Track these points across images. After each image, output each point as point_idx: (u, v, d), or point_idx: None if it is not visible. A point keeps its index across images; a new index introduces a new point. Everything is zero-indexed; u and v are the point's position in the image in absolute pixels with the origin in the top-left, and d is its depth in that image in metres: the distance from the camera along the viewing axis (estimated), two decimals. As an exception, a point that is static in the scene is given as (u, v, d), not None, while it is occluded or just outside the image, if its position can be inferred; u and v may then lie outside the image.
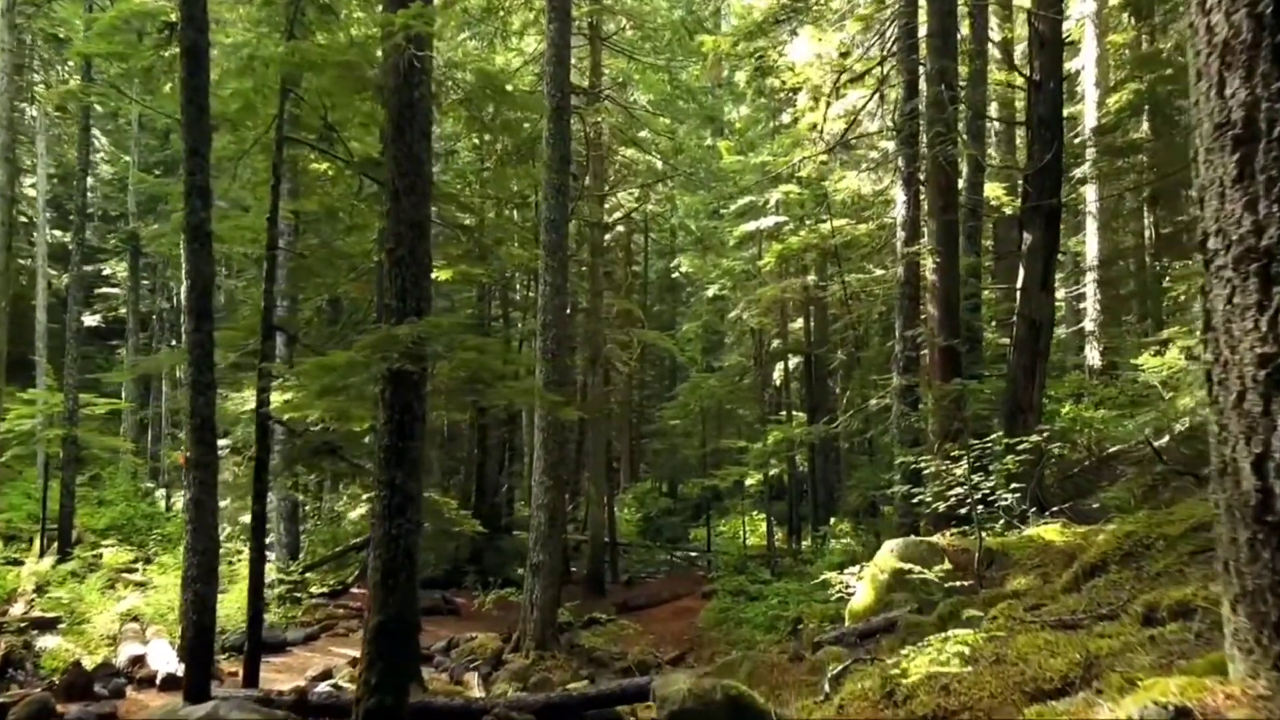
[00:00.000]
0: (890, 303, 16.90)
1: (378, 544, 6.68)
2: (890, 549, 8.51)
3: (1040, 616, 4.51)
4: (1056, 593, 5.74)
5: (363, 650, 6.57)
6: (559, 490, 14.08)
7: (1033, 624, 4.38)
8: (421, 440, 6.85)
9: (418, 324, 6.41)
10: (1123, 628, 3.47)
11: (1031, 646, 3.51)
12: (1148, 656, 2.99)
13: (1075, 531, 8.22)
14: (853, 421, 14.05)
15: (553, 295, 14.03)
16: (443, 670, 12.85)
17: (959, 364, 12.32)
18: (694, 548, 28.47)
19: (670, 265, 36.11)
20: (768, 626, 15.93)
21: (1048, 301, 11.99)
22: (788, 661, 7.23)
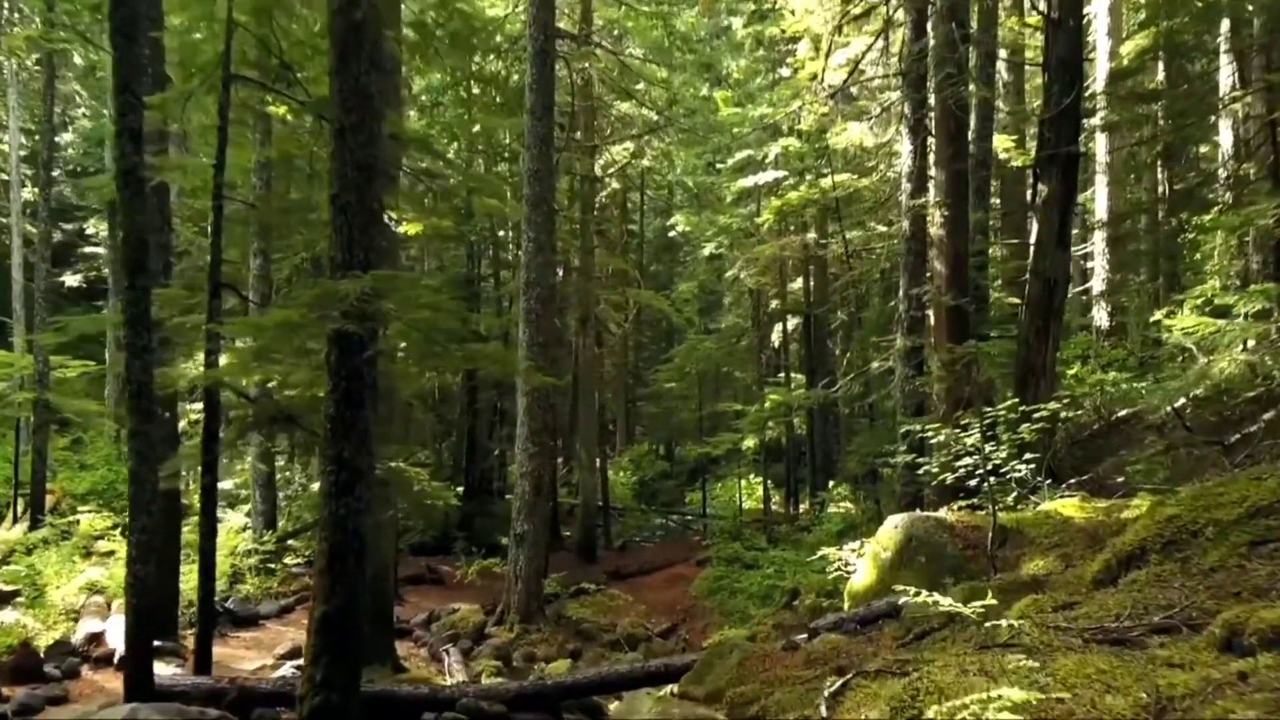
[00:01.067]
0: (893, 260, 16.11)
1: (323, 525, 5.98)
2: (894, 524, 7.83)
3: (1076, 621, 3.81)
4: (1086, 584, 5.04)
5: (307, 643, 5.91)
6: (544, 457, 13.41)
7: (1067, 631, 3.68)
8: (372, 410, 6.13)
9: (362, 278, 5.65)
10: (1195, 652, 2.78)
11: (1079, 675, 2.82)
12: (1242, 704, 2.30)
13: (1096, 507, 7.54)
14: (853, 385, 13.34)
15: (536, 252, 13.24)
16: (422, 645, 12.26)
17: (967, 325, 11.58)
18: (690, 512, 27.95)
19: (667, 224, 35.17)
20: (763, 597, 15.36)
21: (1063, 257, 11.20)
22: (780, 651, 6.57)
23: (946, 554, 7.36)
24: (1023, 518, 7.56)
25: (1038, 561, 6.63)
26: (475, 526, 23.21)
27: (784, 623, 13.71)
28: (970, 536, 7.48)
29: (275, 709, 7.48)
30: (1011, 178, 21.43)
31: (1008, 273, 19.69)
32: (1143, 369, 19.77)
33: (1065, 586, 5.48)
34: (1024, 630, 3.89)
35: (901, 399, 11.86)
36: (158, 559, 11.18)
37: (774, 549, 17.78)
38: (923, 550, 7.47)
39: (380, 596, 10.34)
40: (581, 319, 20.64)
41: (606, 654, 13.04)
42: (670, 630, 14.70)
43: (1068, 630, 3.67)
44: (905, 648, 5.95)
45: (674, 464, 35.23)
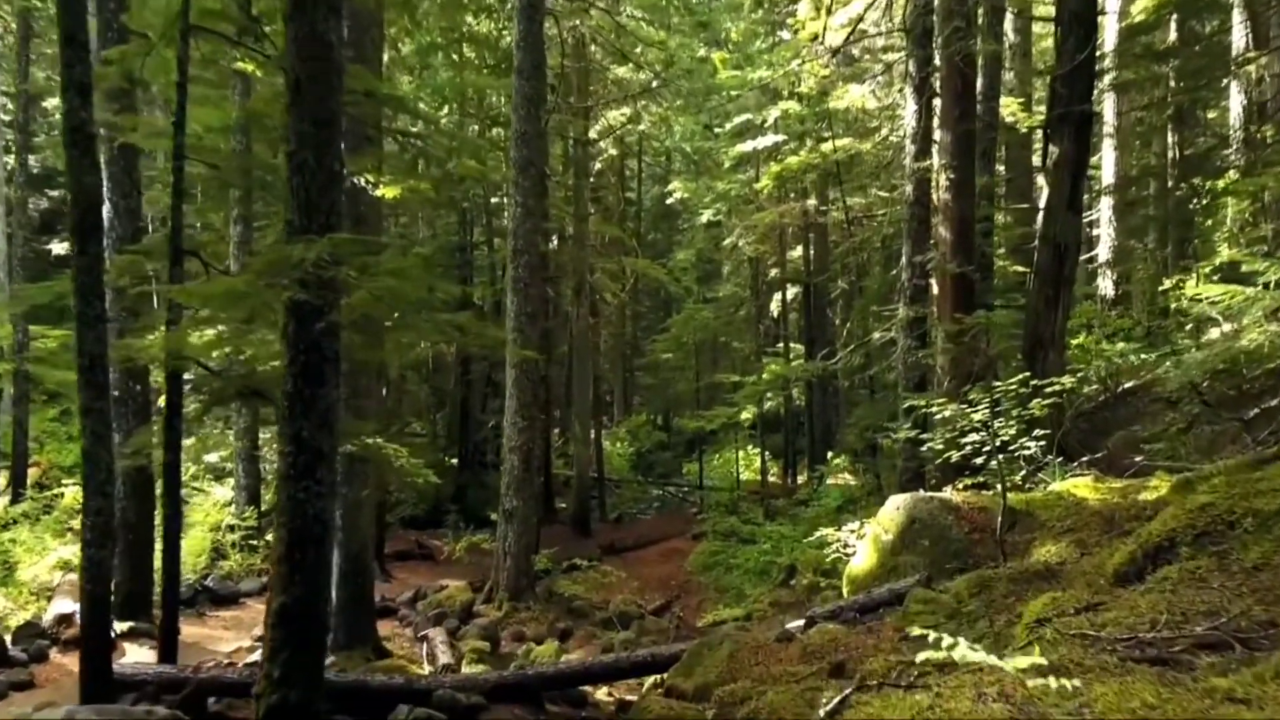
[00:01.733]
0: (896, 226, 15.60)
1: (281, 510, 5.54)
2: (896, 505, 7.40)
3: (1105, 629, 3.36)
4: (1108, 577, 4.60)
5: (265, 636, 5.50)
6: (533, 431, 12.98)
7: (1097, 642, 3.24)
8: (335, 386, 5.66)
9: (318, 242, 5.16)
10: (1260, 684, 2.33)
11: (1122, 708, 2.37)
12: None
13: (1111, 487, 7.10)
14: (853, 357, 12.88)
15: (524, 218, 12.72)
16: (407, 624, 11.90)
17: (973, 294, 11.09)
18: (687, 483, 27.60)
19: (665, 191, 34.55)
20: (759, 573, 15.02)
21: (1075, 222, 10.69)
22: (775, 642, 6.16)
23: (951, 537, 6.94)
24: (1032, 499, 7.13)
25: (1049, 547, 6.20)
26: (469, 499, 22.86)
27: (780, 601, 13.39)
28: (976, 519, 7.05)
29: (243, 698, 7.09)
30: (1017, 142, 20.83)
31: (1013, 240, 19.17)
32: (1150, 339, 19.33)
33: (1083, 579, 5.04)
34: (1046, 639, 3.45)
35: (903, 371, 11.41)
36: (131, 538, 10.86)
37: (771, 524, 17.43)
38: (926, 533, 7.05)
39: (360, 577, 9.95)
40: (576, 288, 20.13)
41: (598, 632, 12.69)
42: (664, 607, 14.35)
43: (1097, 640, 3.23)
44: (909, 641, 5.53)
45: (671, 435, 34.86)
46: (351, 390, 9.81)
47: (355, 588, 9.92)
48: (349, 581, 9.89)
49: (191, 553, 12.87)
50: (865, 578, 7.37)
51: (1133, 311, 22.15)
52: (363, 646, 9.85)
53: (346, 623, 9.90)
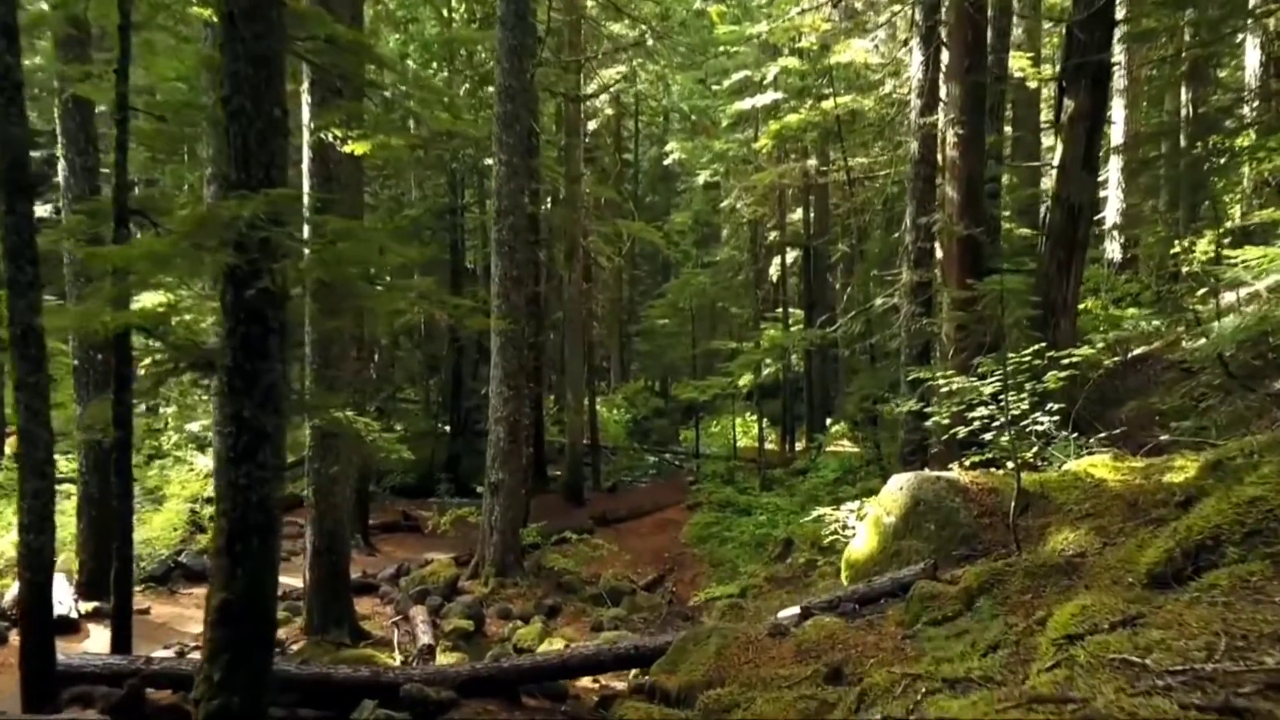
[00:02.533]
0: (899, 186, 14.96)
1: (221, 497, 5.02)
2: (899, 485, 6.88)
3: (1150, 654, 2.83)
4: (1140, 578, 4.09)
5: (205, 636, 5.00)
6: (520, 401, 12.44)
7: (1143, 673, 2.72)
8: (280, 360, 5.10)
9: (253, 199, 4.57)
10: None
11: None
12: None
13: (1132, 467, 6.57)
14: (854, 324, 12.31)
15: (509, 177, 12.08)
16: (388, 602, 11.45)
17: (980, 257, 10.51)
18: (683, 451, 27.16)
19: (663, 152, 33.76)
20: (754, 545, 14.57)
21: (1089, 181, 10.10)
22: (766, 637, 5.67)
23: (959, 521, 6.43)
24: (1047, 479, 6.61)
25: (1067, 534, 5.68)
26: (461, 468, 22.41)
27: (776, 576, 12.94)
28: (986, 501, 6.53)
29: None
30: (1025, 100, 20.11)
31: (1020, 201, 18.52)
32: (1160, 304, 18.74)
33: (1109, 575, 4.53)
34: (1080, 663, 2.93)
35: (906, 339, 10.85)
36: (94, 514, 10.37)
37: (768, 494, 16.98)
38: (931, 516, 6.54)
39: (334, 555, 9.47)
40: (568, 252, 19.49)
41: (588, 608, 12.25)
42: (656, 581, 13.92)
43: (1144, 671, 2.71)
44: (914, 639, 5.03)
45: (669, 401, 34.39)
46: (322, 361, 9.28)
47: (330, 567, 9.45)
48: (323, 560, 9.42)
49: (167, 526, 12.40)
50: (865, 562, 6.87)
51: (1141, 276, 21.55)
52: (338, 628, 9.40)
53: (321, 603, 9.44)
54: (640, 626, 11.84)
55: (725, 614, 11.28)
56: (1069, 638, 3.28)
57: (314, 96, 9.10)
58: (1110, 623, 3.31)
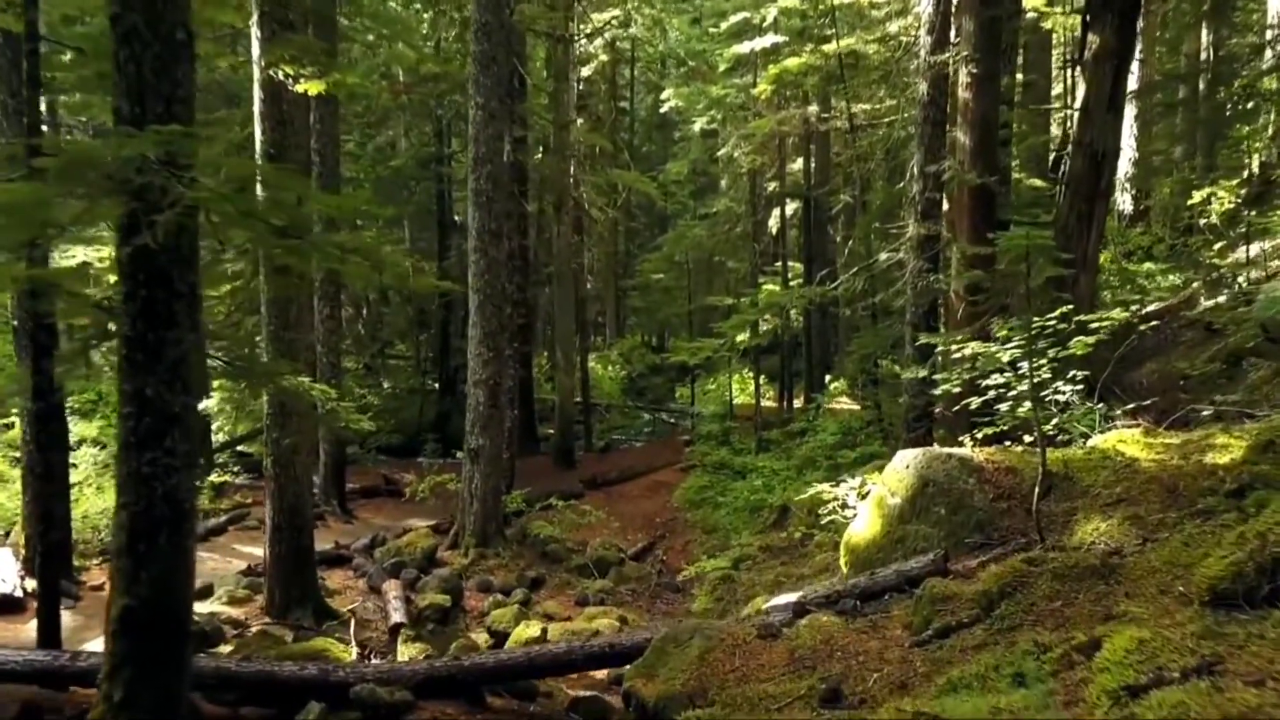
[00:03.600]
0: (906, 133, 14.09)
1: (122, 488, 4.33)
2: (905, 463, 6.20)
3: None
4: (1201, 593, 3.40)
5: (106, 648, 4.35)
6: (500, 363, 11.74)
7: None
8: (193, 329, 4.39)
9: (143, 136, 3.81)
10: None
11: None
12: None
13: (1166, 444, 5.87)
14: (856, 281, 11.54)
15: (486, 122, 11.23)
16: (361, 575, 10.84)
17: (993, 208, 9.73)
18: (679, 409, 26.55)
19: (659, 100, 32.65)
20: (749, 511, 13.97)
21: (1115, 125, 9.29)
22: (756, 639, 5.02)
23: (972, 505, 5.75)
24: (1071, 457, 5.92)
25: (1097, 523, 5.01)
26: (450, 426, 21.75)
27: (772, 546, 12.34)
28: (1003, 482, 5.85)
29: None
30: (1037, 44, 19.12)
31: (1029, 150, 17.65)
32: (1175, 257, 17.95)
33: (1155, 582, 3.86)
34: None
35: (912, 297, 10.10)
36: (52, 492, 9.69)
37: (764, 455, 16.35)
38: (941, 499, 5.87)
39: (296, 531, 8.83)
40: (557, 203, 18.63)
41: (573, 580, 11.69)
42: (646, 550, 13.35)
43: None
44: (924, 649, 4.37)
45: (665, 357, 33.72)
46: (279, 323, 8.55)
47: (292, 542, 8.81)
48: (283, 536, 8.78)
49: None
50: (867, 548, 6.21)
51: (1155, 228, 20.73)
52: (300, 608, 8.80)
53: (282, 581, 8.84)
54: (627, 599, 11.29)
55: (716, 588, 10.72)
56: (1129, 690, 2.60)
57: (263, 31, 8.25)
58: (1180, 668, 2.63)
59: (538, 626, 8.03)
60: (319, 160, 13.24)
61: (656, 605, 11.08)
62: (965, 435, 7.52)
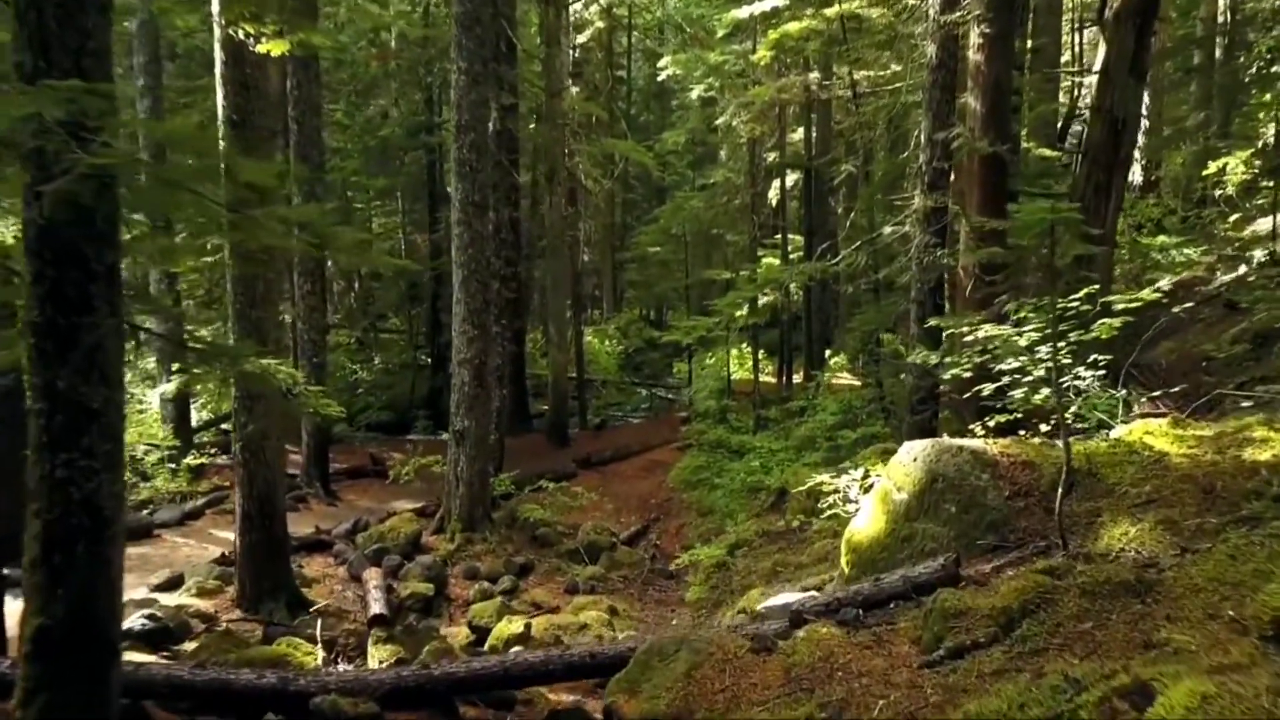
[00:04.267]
0: (909, 99, 13.50)
1: (34, 493, 3.85)
2: (913, 455, 5.72)
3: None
4: (1261, 626, 2.93)
5: (20, 671, 3.88)
6: (486, 341, 11.24)
7: None
8: (111, 314, 3.88)
9: (30, 94, 3.29)
10: None
11: None
12: None
13: (1198, 435, 5.39)
14: (859, 256, 11.01)
15: (469, 87, 10.65)
16: (342, 562, 10.41)
17: (1005, 178, 9.19)
18: (677, 384, 26.06)
19: (658, 68, 31.89)
20: (747, 493, 13.53)
21: (1138, 89, 8.74)
22: (749, 654, 4.57)
23: (986, 503, 5.28)
24: (1094, 451, 5.43)
25: (1126, 528, 4.54)
26: (442, 403, 21.22)
27: (770, 531, 11.91)
28: (1019, 478, 5.37)
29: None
30: (1044, 6, 18.43)
31: (1040, 118, 17.04)
32: (1187, 230, 17.39)
33: (1201, 605, 3.39)
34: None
35: (918, 273, 9.58)
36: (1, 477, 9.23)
37: (762, 434, 15.88)
38: (952, 495, 5.39)
39: (267, 520, 8.38)
40: (549, 173, 18.03)
41: (563, 566, 11.27)
42: (640, 533, 12.92)
43: None
44: (935, 671, 3.91)
45: (663, 331, 33.15)
46: (246, 300, 8.04)
47: (263, 532, 8.36)
48: (254, 525, 8.33)
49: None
50: (871, 547, 5.75)
51: (1166, 199, 20.17)
52: (273, 600, 8.37)
53: (253, 573, 8.40)
54: (619, 587, 10.86)
55: (710, 576, 10.29)
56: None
57: (220, -17, 7.67)
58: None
59: (520, 623, 7.59)
60: (297, 129, 12.68)
61: (649, 593, 10.67)
62: (975, 422, 7.04)
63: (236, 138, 7.87)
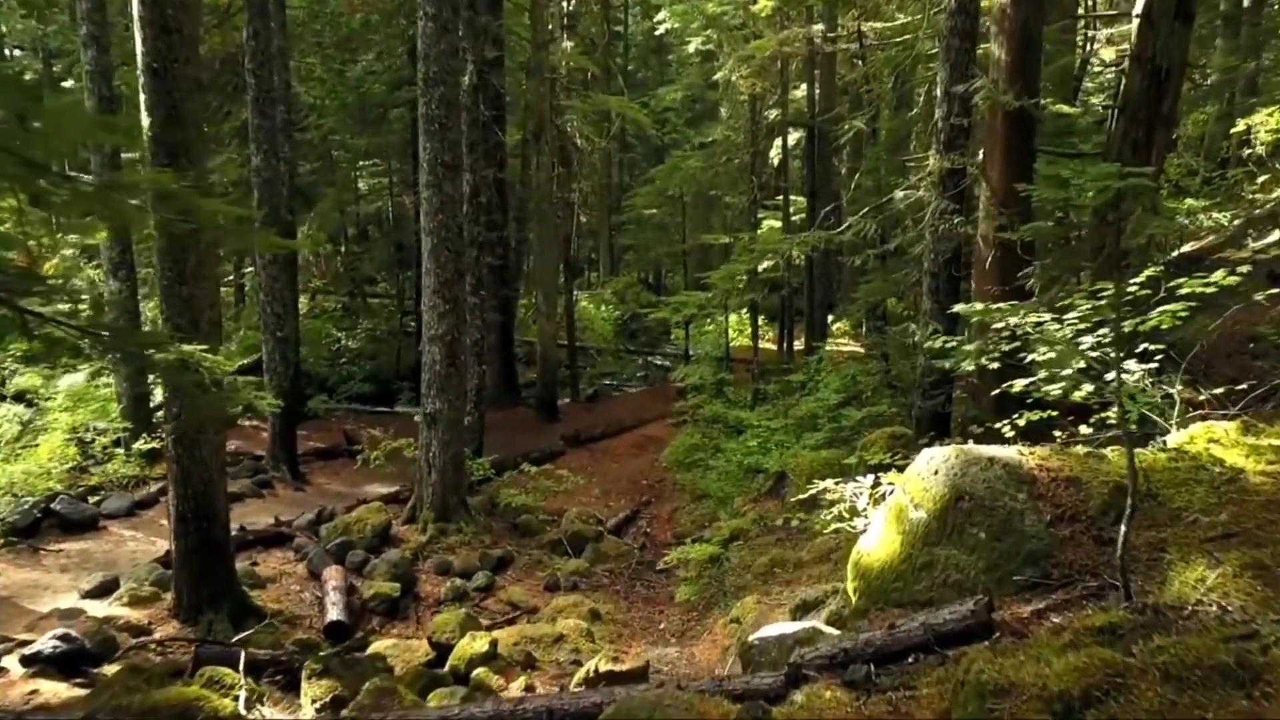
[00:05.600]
0: (918, 49, 12.45)
1: None
2: (933, 466, 4.82)
3: None
4: None
5: None
6: (459, 315, 10.32)
7: None
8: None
9: None
10: None
11: None
12: None
13: (1276, 446, 4.49)
14: (866, 223, 10.03)
15: (437, 35, 9.62)
16: (302, 557, 9.59)
17: (1032, 136, 8.20)
18: (675, 351, 25.15)
19: (655, 22, 30.56)
20: (744, 476, 12.69)
21: (1184, 35, 7.70)
22: None
23: (1023, 529, 4.39)
24: (1151, 465, 4.54)
25: (1201, 572, 3.66)
26: (427, 374, 20.42)
27: (768, 519, 11.09)
28: (1063, 498, 4.48)
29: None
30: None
31: (1059, 72, 15.92)
32: (1211, 192, 16.36)
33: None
34: None
35: (932, 242, 8.63)
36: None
37: (761, 409, 15.01)
38: (982, 518, 4.51)
39: (205, 521, 7.53)
40: (535, 131, 16.97)
41: (544, 559, 10.47)
42: (629, 520, 12.12)
43: None
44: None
45: (662, 295, 32.20)
46: (175, 275, 7.12)
47: (200, 535, 7.52)
48: (190, 528, 7.48)
49: (44, 464, 10.44)
50: (884, 574, 4.88)
51: (1188, 159, 19.08)
52: (213, 609, 7.55)
53: (190, 581, 7.57)
54: (604, 582, 10.06)
55: (702, 573, 9.46)
56: None
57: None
58: None
59: (485, 641, 6.76)
60: (254, 83, 11.64)
61: (636, 589, 9.87)
62: (994, 413, 6.13)
63: (157, 89, 6.91)
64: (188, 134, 6.98)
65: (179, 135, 6.94)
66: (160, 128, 6.91)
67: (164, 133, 6.92)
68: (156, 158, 6.97)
